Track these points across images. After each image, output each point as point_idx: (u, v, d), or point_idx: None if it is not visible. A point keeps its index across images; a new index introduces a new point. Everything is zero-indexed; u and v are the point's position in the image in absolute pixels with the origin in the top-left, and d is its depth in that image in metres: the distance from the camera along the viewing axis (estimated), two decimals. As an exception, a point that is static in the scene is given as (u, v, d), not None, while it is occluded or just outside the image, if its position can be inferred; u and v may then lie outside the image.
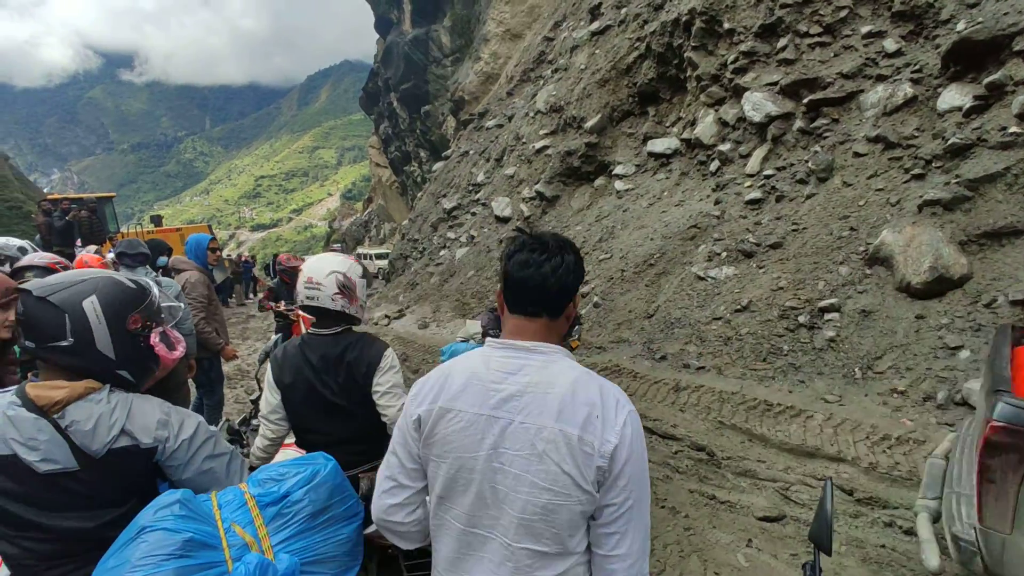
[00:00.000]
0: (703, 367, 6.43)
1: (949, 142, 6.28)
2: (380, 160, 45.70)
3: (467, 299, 12.51)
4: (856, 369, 5.48)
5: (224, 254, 21.24)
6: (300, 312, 6.36)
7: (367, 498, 2.26)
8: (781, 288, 6.61)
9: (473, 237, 14.84)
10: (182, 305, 2.25)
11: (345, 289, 2.24)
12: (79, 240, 13.49)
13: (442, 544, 1.29)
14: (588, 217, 11.60)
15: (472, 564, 1.23)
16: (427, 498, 1.35)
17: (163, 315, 1.64)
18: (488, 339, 1.30)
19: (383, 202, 45.53)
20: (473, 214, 15.96)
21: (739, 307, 6.78)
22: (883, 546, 3.45)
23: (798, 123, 8.20)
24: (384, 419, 2.26)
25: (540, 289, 1.23)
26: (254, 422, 2.89)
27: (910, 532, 3.54)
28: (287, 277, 6.85)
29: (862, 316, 5.85)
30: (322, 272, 2.22)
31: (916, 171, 6.52)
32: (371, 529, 2.22)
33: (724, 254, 7.72)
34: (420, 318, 13.02)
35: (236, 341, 11.92)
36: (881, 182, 6.86)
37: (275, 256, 9.07)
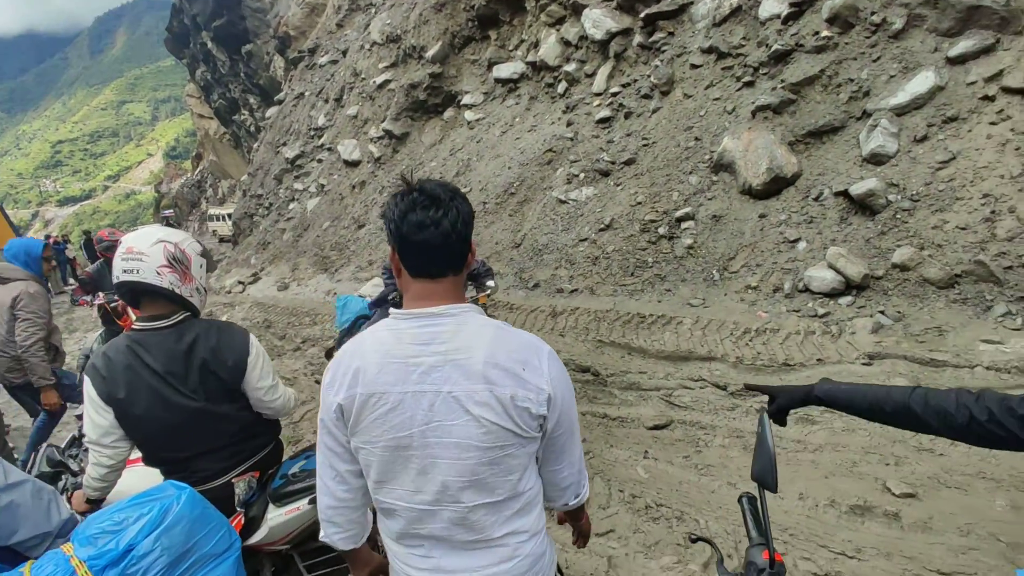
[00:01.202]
0: (576, 289, 6.57)
1: (772, 49, 6.65)
2: (203, 111, 41.05)
3: (327, 252, 11.79)
4: (714, 272, 5.84)
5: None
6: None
7: (246, 504, 1.98)
8: (639, 203, 6.82)
9: (323, 186, 13.88)
10: None
11: (176, 262, 1.79)
12: None
13: (390, 523, 1.27)
14: (442, 152, 11.22)
15: (426, 532, 1.22)
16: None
17: None
18: (392, 310, 1.23)
19: (215, 157, 41.25)
20: (319, 161, 14.87)
21: (602, 226, 6.93)
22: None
23: (637, 38, 8.31)
24: (269, 414, 1.96)
25: (443, 248, 1.16)
26: (86, 441, 2.42)
27: (778, 415, 3.88)
28: (112, 255, 5.74)
29: (714, 221, 6.20)
30: (146, 241, 1.77)
31: (747, 79, 6.88)
32: (256, 538, 1.95)
33: (582, 175, 7.81)
34: (278, 279, 12.12)
35: (63, 336, 10.38)
36: (717, 91, 7.18)
37: (87, 233, 7.68)
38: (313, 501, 1.92)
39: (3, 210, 16.47)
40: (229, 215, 23.95)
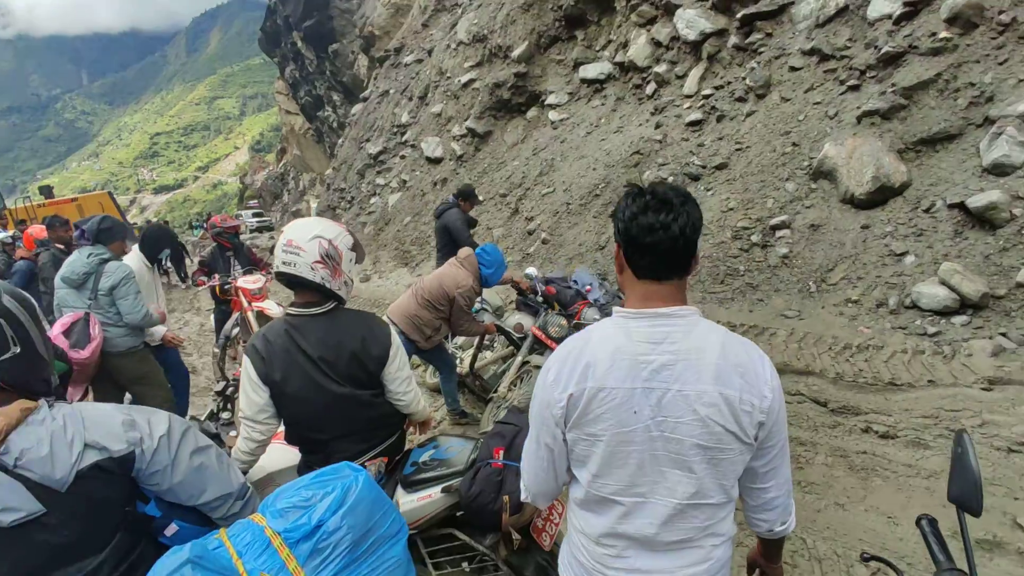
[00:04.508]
0: (662, 295, 6.46)
1: (882, 51, 6.33)
2: (290, 107, 42.94)
3: (407, 247, 12.11)
4: (811, 283, 5.62)
5: (132, 221, 19.55)
6: (240, 286, 5.82)
7: (378, 485, 2.07)
8: (731, 209, 6.65)
9: (405, 182, 14.25)
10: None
11: (328, 259, 1.89)
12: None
13: (596, 520, 1.28)
14: (524, 151, 11.28)
15: (631, 531, 1.23)
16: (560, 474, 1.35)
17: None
18: (617, 308, 1.26)
19: (299, 152, 43.11)
20: (402, 157, 15.27)
21: (691, 232, 6.79)
22: (864, 452, 3.60)
23: (732, 39, 8.09)
24: (400, 405, 2.06)
25: (672, 252, 1.18)
26: (223, 415, 2.59)
27: (886, 436, 3.71)
28: (226, 241, 6.03)
29: (811, 230, 5.97)
30: (305, 235, 1.88)
31: (851, 82, 6.57)
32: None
33: (671, 179, 7.67)
34: (360, 271, 12.54)
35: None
36: (818, 95, 6.90)
37: (208, 217, 8.24)
38: (446, 490, 1.99)
39: (113, 198, 17.85)
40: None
